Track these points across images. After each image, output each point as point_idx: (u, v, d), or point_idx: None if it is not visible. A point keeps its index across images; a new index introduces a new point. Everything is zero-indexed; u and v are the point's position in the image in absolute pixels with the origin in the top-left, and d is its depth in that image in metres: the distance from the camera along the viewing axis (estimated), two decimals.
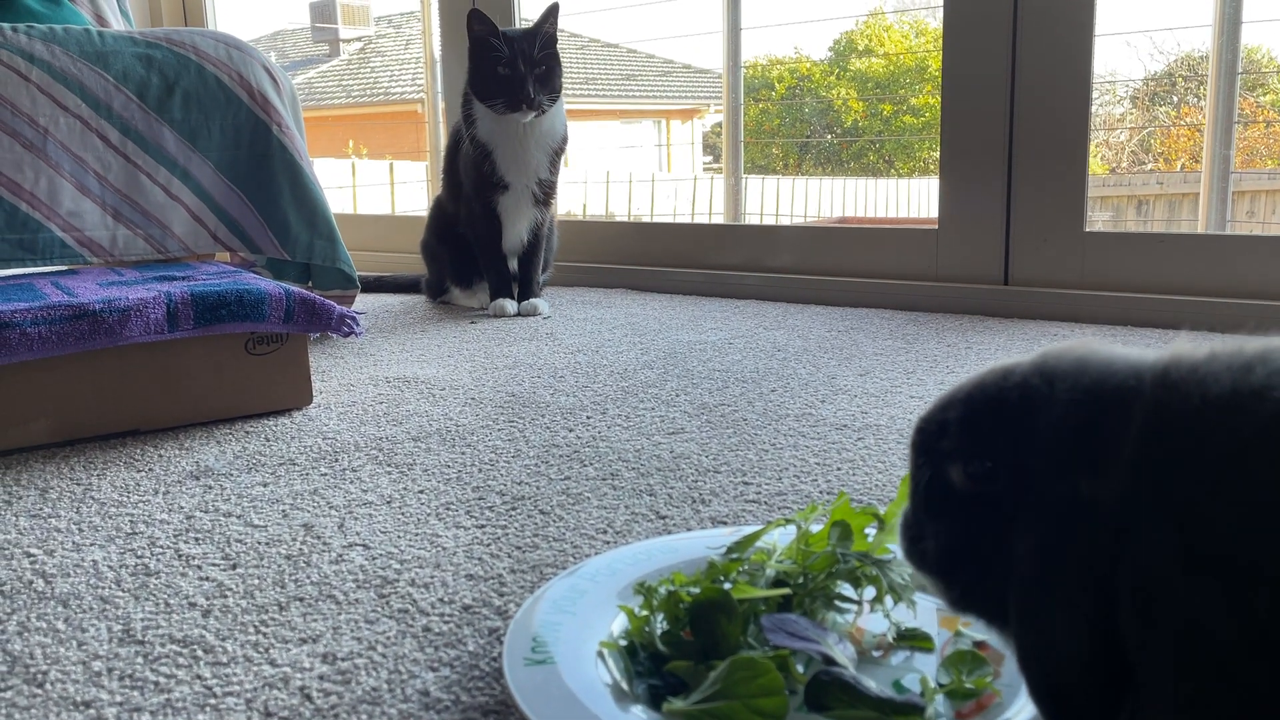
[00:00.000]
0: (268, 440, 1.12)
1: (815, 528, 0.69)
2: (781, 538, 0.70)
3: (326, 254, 1.62)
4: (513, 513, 0.88)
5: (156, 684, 0.61)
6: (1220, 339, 0.45)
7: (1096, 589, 0.43)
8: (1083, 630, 0.44)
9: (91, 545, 0.83)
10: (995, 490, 0.48)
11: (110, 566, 0.79)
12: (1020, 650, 0.47)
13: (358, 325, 1.28)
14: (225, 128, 1.59)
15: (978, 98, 1.79)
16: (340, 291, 1.66)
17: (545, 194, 1.90)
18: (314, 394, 1.28)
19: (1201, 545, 0.40)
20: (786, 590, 0.63)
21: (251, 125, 1.60)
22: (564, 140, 1.90)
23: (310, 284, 1.65)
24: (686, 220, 5.07)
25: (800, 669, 0.58)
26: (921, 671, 0.59)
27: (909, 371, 1.36)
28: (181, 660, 0.64)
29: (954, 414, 0.51)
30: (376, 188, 4.87)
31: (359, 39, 10.63)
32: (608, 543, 0.81)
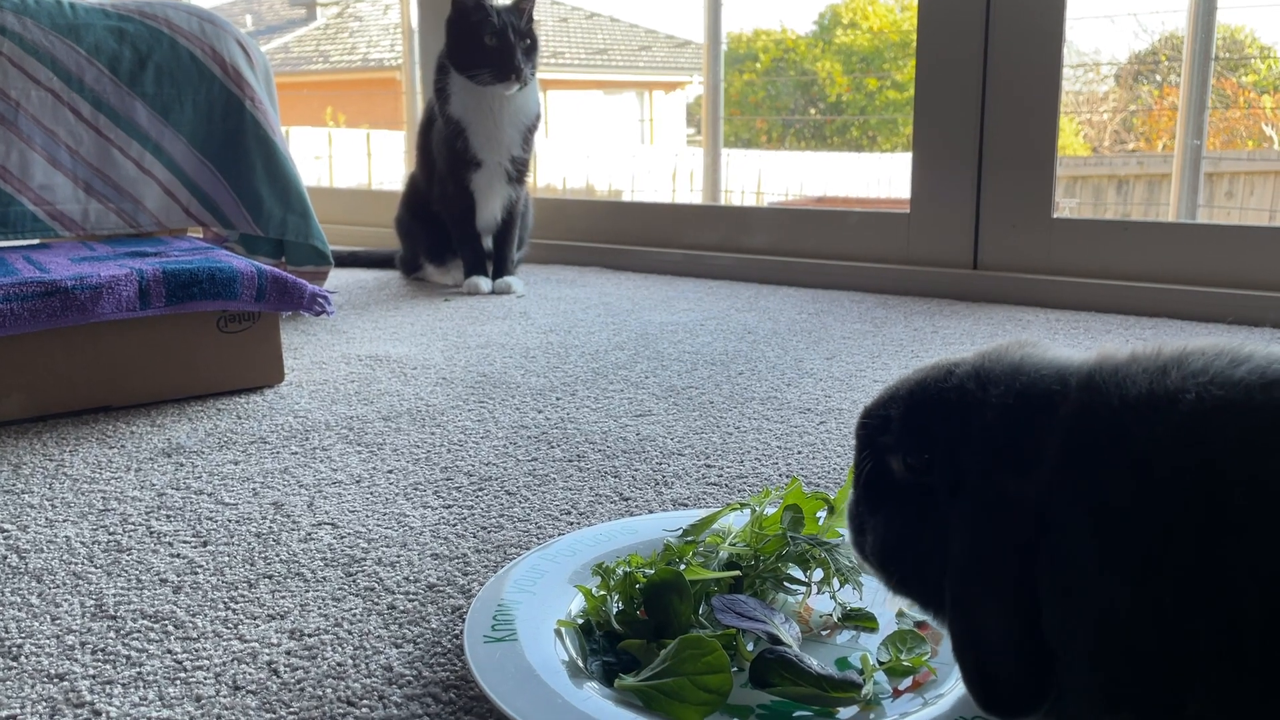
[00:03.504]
0: (239, 418, 1.13)
1: (769, 511, 0.71)
2: (736, 521, 0.73)
3: (300, 230, 1.63)
4: (479, 493, 0.90)
5: (128, 658, 0.63)
6: (1146, 341, 0.48)
7: (1022, 580, 0.46)
8: (1010, 620, 0.47)
9: (64, 521, 0.84)
10: (932, 482, 0.51)
11: (83, 542, 0.80)
12: (954, 637, 0.50)
13: (329, 304, 1.29)
14: (198, 102, 1.59)
15: (951, 83, 1.81)
16: (313, 267, 1.67)
17: (519, 172, 1.91)
18: (286, 372, 1.29)
19: (1114, 540, 0.43)
20: (737, 573, 0.66)
21: (225, 100, 1.60)
22: (537, 118, 1.91)
23: (283, 259, 1.65)
24: (668, 194, 5.08)
25: (750, 647, 0.60)
26: (865, 650, 0.62)
27: (874, 355, 1.39)
28: (153, 635, 0.66)
29: (896, 410, 0.53)
30: (353, 158, 4.84)
31: (337, 3, 10.50)
32: (572, 524, 0.83)
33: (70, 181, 1.49)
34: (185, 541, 0.80)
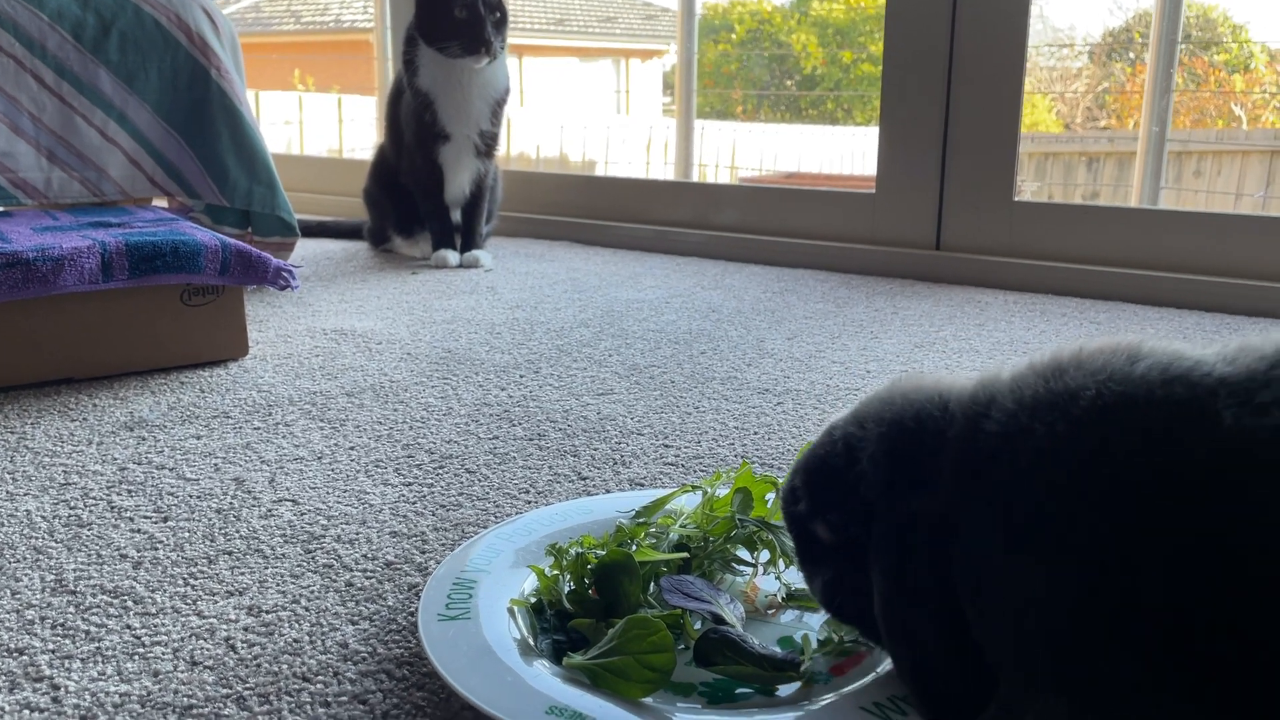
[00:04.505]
0: (202, 392, 1.14)
1: (720, 493, 0.74)
2: (688, 503, 0.75)
3: (266, 201, 1.62)
4: (440, 471, 0.91)
5: (87, 633, 0.65)
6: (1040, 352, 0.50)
7: (943, 589, 0.49)
8: (939, 627, 0.50)
9: (25, 495, 0.85)
10: (853, 533, 0.54)
11: (44, 517, 0.81)
12: (893, 658, 0.53)
13: (294, 279, 1.29)
14: (163, 70, 1.57)
15: (917, 66, 1.82)
16: (280, 239, 1.66)
17: (488, 146, 1.91)
18: (250, 345, 1.30)
19: (1019, 532, 0.46)
20: (686, 554, 0.68)
21: (190, 68, 1.59)
22: (506, 92, 1.90)
23: (249, 230, 1.65)
24: (643, 165, 5.07)
25: (697, 626, 0.63)
26: (807, 629, 0.65)
27: (835, 336, 1.41)
28: (112, 610, 0.67)
29: (799, 480, 0.57)
30: (323, 124, 4.78)
31: None
32: (530, 503, 0.85)
33: (33, 149, 1.47)
34: (146, 517, 0.81)
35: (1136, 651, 0.42)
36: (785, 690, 0.59)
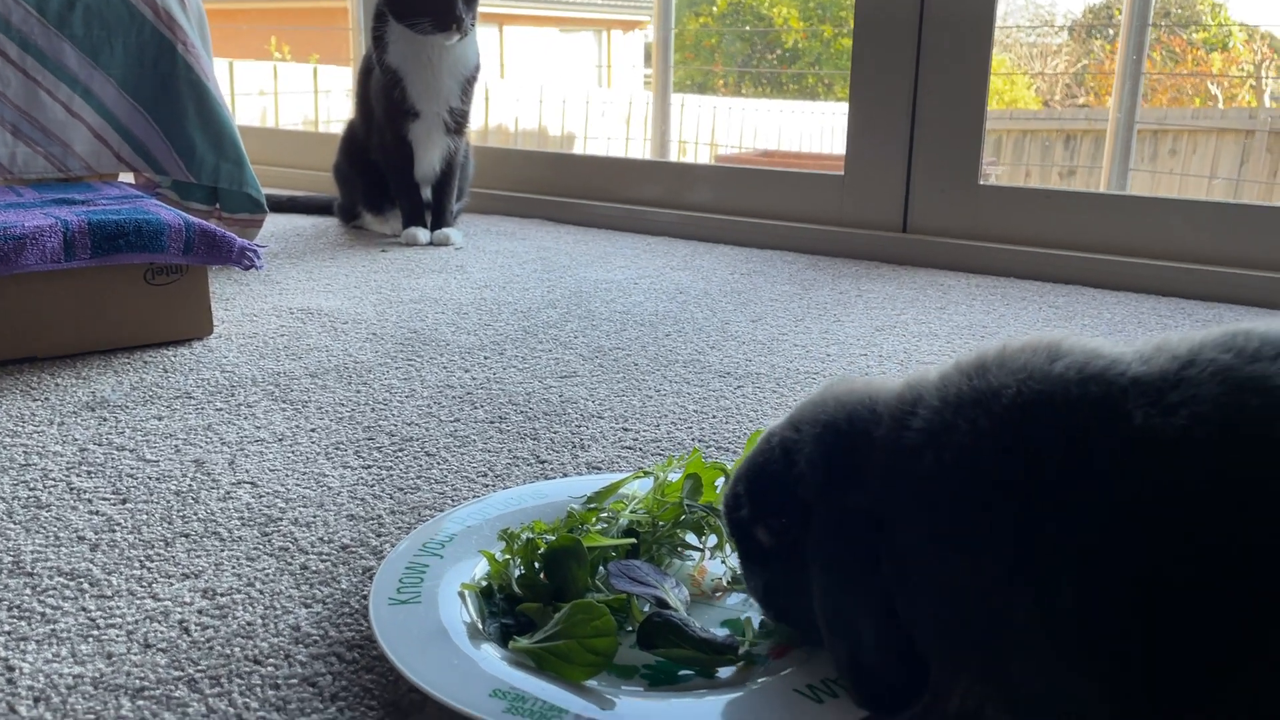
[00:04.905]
0: (166, 372, 1.14)
1: (672, 478, 0.75)
2: (641, 488, 0.77)
3: (233, 177, 1.61)
4: (400, 454, 0.93)
5: (43, 614, 0.66)
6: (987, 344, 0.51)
7: (875, 581, 0.51)
8: (874, 620, 0.52)
9: None
10: (794, 535, 0.56)
11: (2, 498, 0.82)
12: (830, 648, 0.55)
13: (259, 258, 1.29)
14: (129, 45, 1.56)
15: (886, 48, 1.83)
16: (248, 215, 1.66)
17: (458, 123, 1.90)
18: (215, 324, 1.30)
19: (942, 522, 0.48)
20: (634, 540, 0.69)
21: (156, 44, 1.57)
22: (476, 69, 1.90)
23: (217, 206, 1.64)
24: (622, 139, 5.06)
25: (646, 610, 0.64)
26: (751, 613, 0.66)
27: (798, 319, 1.43)
28: (68, 592, 0.68)
29: (742, 487, 0.59)
30: (299, 95, 4.73)
31: None
32: (488, 486, 0.86)
33: None
34: (105, 499, 0.82)
35: (1049, 637, 0.44)
36: (726, 673, 0.61)
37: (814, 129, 6.58)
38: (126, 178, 1.74)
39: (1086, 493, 0.44)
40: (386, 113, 1.86)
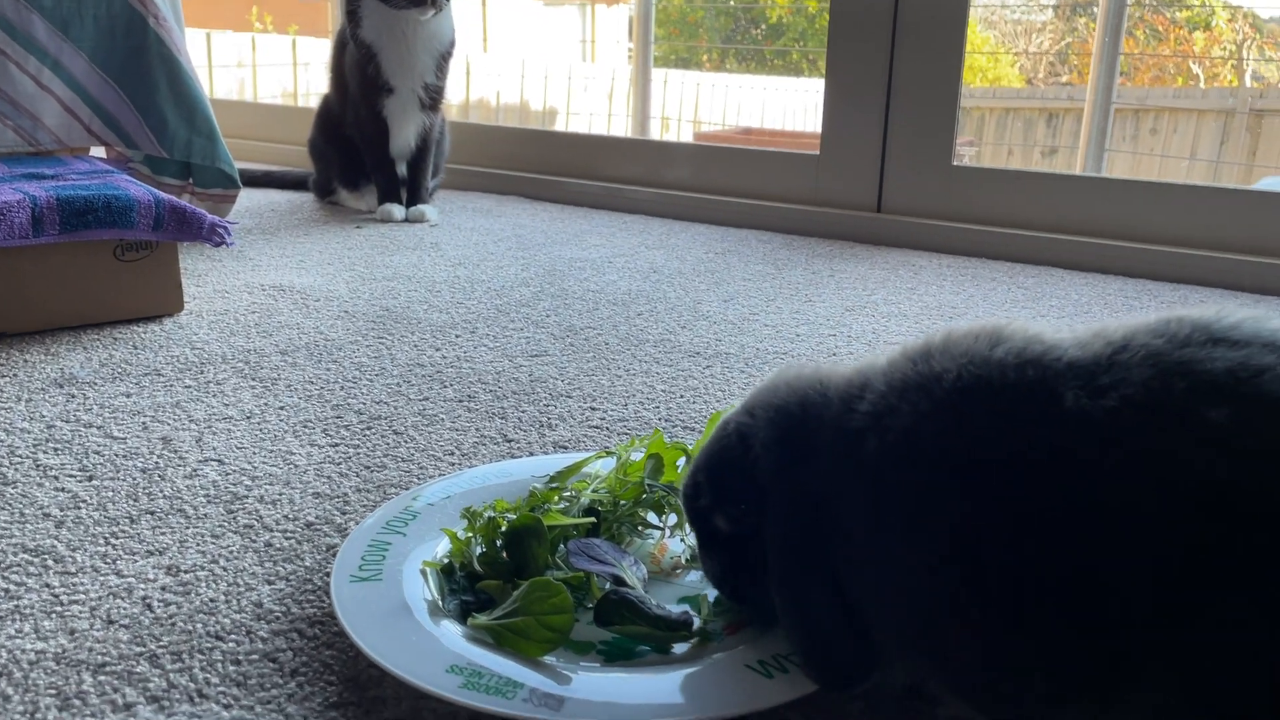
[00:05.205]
0: (135, 348, 1.14)
1: (635, 458, 0.76)
2: (604, 467, 0.78)
3: (206, 153, 1.60)
4: (367, 432, 0.93)
5: (6, 591, 0.66)
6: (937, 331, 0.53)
7: (826, 557, 0.52)
8: (827, 598, 0.53)
9: None
10: (751, 520, 0.57)
11: None
12: (785, 626, 0.56)
13: (229, 235, 1.29)
14: (99, 17, 1.54)
15: (862, 27, 1.83)
16: (221, 190, 1.65)
17: (433, 99, 1.89)
18: (186, 300, 1.30)
19: (884, 501, 0.49)
20: (594, 520, 0.71)
21: (127, 16, 1.56)
22: (452, 44, 1.89)
23: (190, 181, 1.63)
24: (605, 114, 5.03)
25: (605, 588, 0.65)
26: (707, 590, 0.68)
27: (770, 299, 1.44)
28: (32, 569, 0.69)
29: (701, 475, 0.60)
30: (278, 68, 4.68)
31: None
32: (454, 465, 0.87)
33: None
34: (71, 475, 0.83)
35: (983, 613, 0.46)
36: (681, 648, 0.62)
37: (798, 105, 6.56)
38: (98, 152, 1.73)
39: (1019, 473, 0.45)
40: (361, 88, 1.85)
